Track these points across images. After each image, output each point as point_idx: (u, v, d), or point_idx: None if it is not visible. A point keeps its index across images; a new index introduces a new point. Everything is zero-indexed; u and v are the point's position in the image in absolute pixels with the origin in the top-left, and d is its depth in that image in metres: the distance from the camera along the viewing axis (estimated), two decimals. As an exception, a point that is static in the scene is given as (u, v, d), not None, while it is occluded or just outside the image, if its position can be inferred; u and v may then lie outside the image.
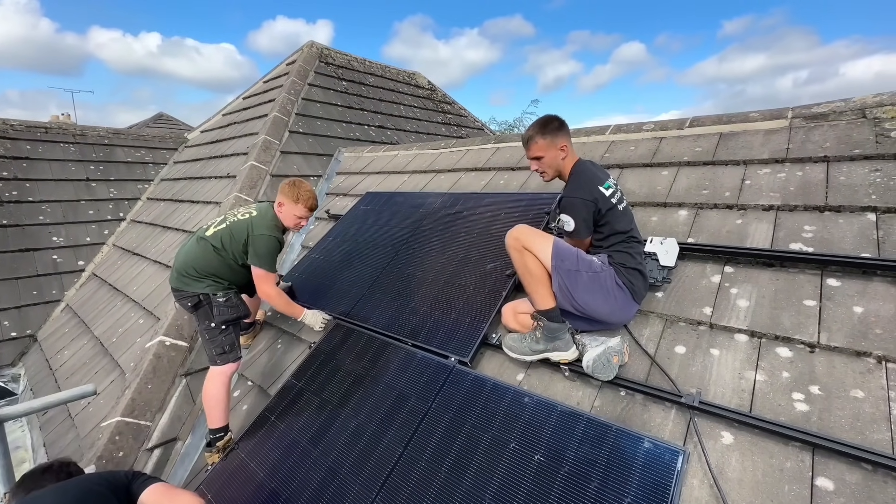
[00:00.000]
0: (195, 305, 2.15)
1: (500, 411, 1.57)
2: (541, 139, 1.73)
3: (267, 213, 2.27)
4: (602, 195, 1.65)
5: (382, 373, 1.99)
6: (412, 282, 2.42)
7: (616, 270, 1.61)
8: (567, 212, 1.66)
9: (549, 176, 1.81)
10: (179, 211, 4.37)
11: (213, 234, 2.20)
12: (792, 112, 2.26)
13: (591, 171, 1.74)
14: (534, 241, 1.60)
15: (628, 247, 1.66)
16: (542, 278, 1.60)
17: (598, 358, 1.48)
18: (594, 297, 1.58)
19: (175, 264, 2.20)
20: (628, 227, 1.68)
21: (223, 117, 6.21)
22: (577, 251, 1.62)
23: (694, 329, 1.65)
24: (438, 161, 3.68)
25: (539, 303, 1.62)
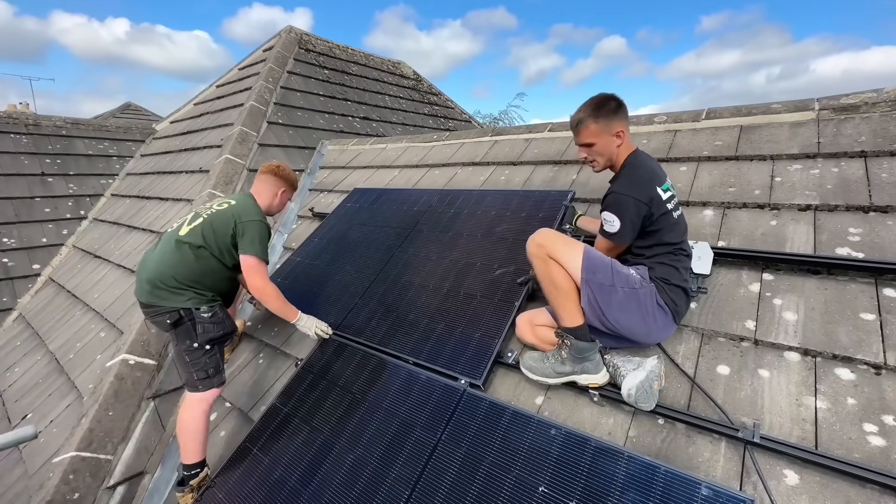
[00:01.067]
0: (175, 323, 1.83)
1: (524, 446, 1.36)
2: (593, 123, 1.50)
3: (248, 201, 2.04)
4: (658, 198, 1.44)
5: (381, 396, 1.75)
6: (410, 290, 2.19)
7: (658, 287, 1.41)
8: (613, 210, 1.44)
9: (599, 166, 1.59)
10: (147, 209, 4.00)
11: (189, 233, 1.90)
12: (819, 103, 2.11)
13: (649, 166, 1.52)
14: (561, 249, 1.38)
15: (675, 260, 1.46)
16: (569, 292, 1.38)
17: (642, 385, 1.28)
18: (629, 317, 1.38)
19: (144, 274, 1.87)
20: (680, 239, 1.48)
21: (195, 107, 5.78)
22: (612, 262, 1.41)
23: (736, 346, 1.47)
24: (431, 155, 3.43)
25: (565, 319, 1.41)
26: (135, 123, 6.40)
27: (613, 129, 1.52)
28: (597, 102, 1.54)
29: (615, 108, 1.52)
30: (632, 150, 1.58)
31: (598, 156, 1.58)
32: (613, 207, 1.44)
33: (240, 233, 1.90)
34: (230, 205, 2.00)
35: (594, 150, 1.57)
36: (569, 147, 2.74)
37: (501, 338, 1.73)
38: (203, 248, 1.87)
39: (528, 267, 1.97)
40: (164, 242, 1.93)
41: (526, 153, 2.88)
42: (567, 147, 2.75)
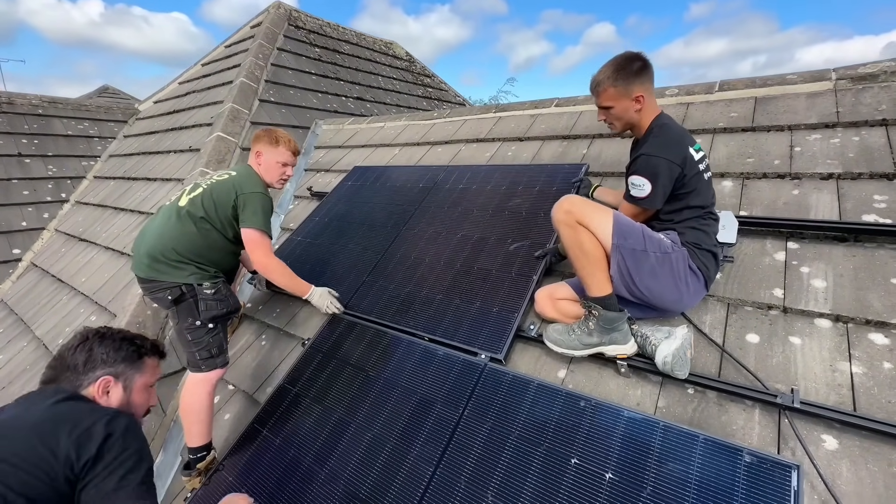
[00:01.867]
0: (177, 299, 1.73)
1: (552, 419, 1.32)
2: (611, 87, 1.42)
3: (249, 171, 1.92)
4: (691, 158, 1.38)
5: (397, 374, 1.69)
6: (421, 266, 2.12)
7: (689, 252, 1.36)
8: (644, 173, 1.38)
9: (617, 129, 1.54)
10: (133, 190, 3.83)
11: (189, 203, 1.79)
12: (836, 73, 2.07)
13: (679, 127, 1.46)
14: (591, 214, 1.32)
15: (705, 224, 1.41)
16: (599, 260, 1.33)
17: (678, 352, 1.24)
18: (660, 283, 1.33)
19: (143, 248, 1.76)
20: (709, 202, 1.43)
21: (179, 86, 5.55)
22: (643, 227, 1.36)
23: (764, 314, 1.44)
24: (433, 132, 3.34)
25: (594, 288, 1.36)
26: (114, 104, 6.13)
27: (632, 94, 1.44)
28: (618, 64, 1.45)
29: (637, 71, 1.44)
30: (657, 113, 1.51)
31: (615, 119, 1.52)
32: (645, 170, 1.38)
33: (241, 205, 1.80)
34: (230, 175, 1.90)
35: (611, 114, 1.51)
36: (577, 122, 2.67)
37: (521, 312, 1.68)
38: (204, 219, 1.77)
39: (545, 241, 1.91)
40: (163, 214, 1.82)
41: (533, 129, 2.81)
42: (575, 122, 2.68)
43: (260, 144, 1.96)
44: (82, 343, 1.12)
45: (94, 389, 1.09)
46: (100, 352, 1.12)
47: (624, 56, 1.48)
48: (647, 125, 1.50)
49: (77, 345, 1.12)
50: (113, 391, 1.12)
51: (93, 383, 1.09)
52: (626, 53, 1.49)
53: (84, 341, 1.13)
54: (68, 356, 1.10)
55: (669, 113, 2.35)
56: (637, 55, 1.48)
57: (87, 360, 1.10)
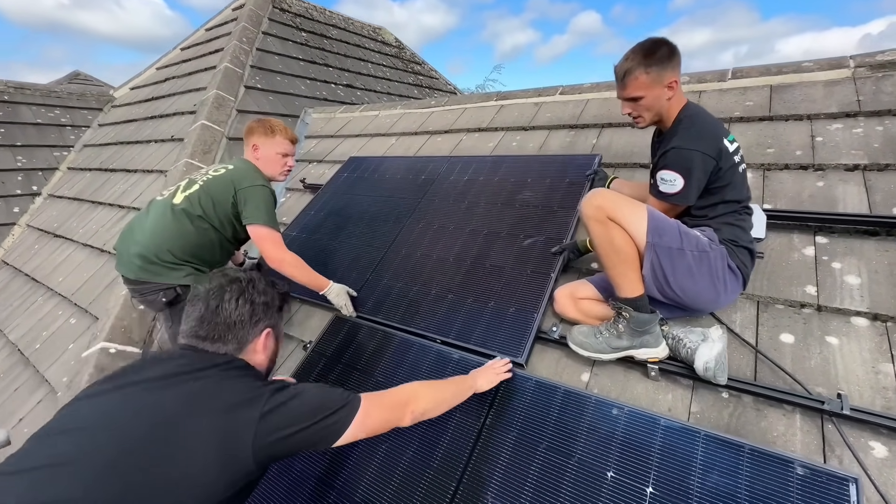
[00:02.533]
0: (171, 301, 1.63)
1: (583, 428, 1.24)
2: (643, 74, 1.31)
3: (247, 165, 1.80)
4: (726, 150, 1.29)
5: (409, 380, 1.58)
6: (428, 263, 2.01)
7: (728, 249, 1.29)
8: (676, 167, 1.28)
9: (645, 122, 1.42)
10: (112, 182, 3.61)
11: (185, 201, 1.66)
12: (853, 61, 2.01)
13: (711, 116, 1.37)
14: (623, 210, 1.23)
15: (740, 219, 1.33)
16: (631, 259, 1.24)
17: (720, 357, 1.17)
18: (696, 283, 1.25)
19: (133, 247, 1.63)
20: (745, 196, 1.35)
21: (157, 71, 5.26)
22: (678, 223, 1.27)
23: (797, 313, 1.38)
24: (431, 121, 3.20)
25: (625, 288, 1.27)
26: (89, 91, 5.79)
27: (666, 80, 1.34)
28: (647, 49, 1.34)
29: (668, 55, 1.33)
30: (684, 102, 1.42)
31: (645, 111, 1.40)
32: (677, 164, 1.29)
33: (241, 201, 1.68)
34: (227, 170, 1.77)
35: (641, 105, 1.38)
36: (584, 110, 2.58)
37: (541, 312, 1.59)
38: (202, 217, 1.66)
39: (559, 236, 1.83)
40: (155, 211, 1.68)
41: (538, 118, 2.70)
42: (582, 110, 2.58)
43: (255, 137, 1.84)
44: (242, 295, 1.02)
45: (258, 344, 1.04)
46: (260, 302, 1.04)
47: (650, 41, 1.36)
48: (675, 115, 1.41)
49: (237, 297, 1.02)
50: (269, 343, 1.07)
51: (257, 337, 1.04)
52: (650, 39, 1.37)
53: (242, 293, 1.03)
54: (230, 311, 1.00)
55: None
56: (663, 40, 1.36)
57: (252, 313, 1.02)
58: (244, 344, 1.01)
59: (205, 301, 1.00)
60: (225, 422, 0.83)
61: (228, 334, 0.99)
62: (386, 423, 1.07)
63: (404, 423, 1.10)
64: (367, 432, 1.02)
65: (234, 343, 1.00)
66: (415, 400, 1.12)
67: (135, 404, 0.85)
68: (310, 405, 0.94)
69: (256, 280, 1.08)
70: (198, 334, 0.99)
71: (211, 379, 0.90)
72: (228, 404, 0.85)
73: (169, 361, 0.94)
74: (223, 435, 0.82)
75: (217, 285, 1.03)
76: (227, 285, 1.03)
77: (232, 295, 1.01)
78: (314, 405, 0.94)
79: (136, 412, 0.83)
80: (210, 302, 1.00)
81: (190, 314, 1.01)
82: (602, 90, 2.63)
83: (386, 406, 1.07)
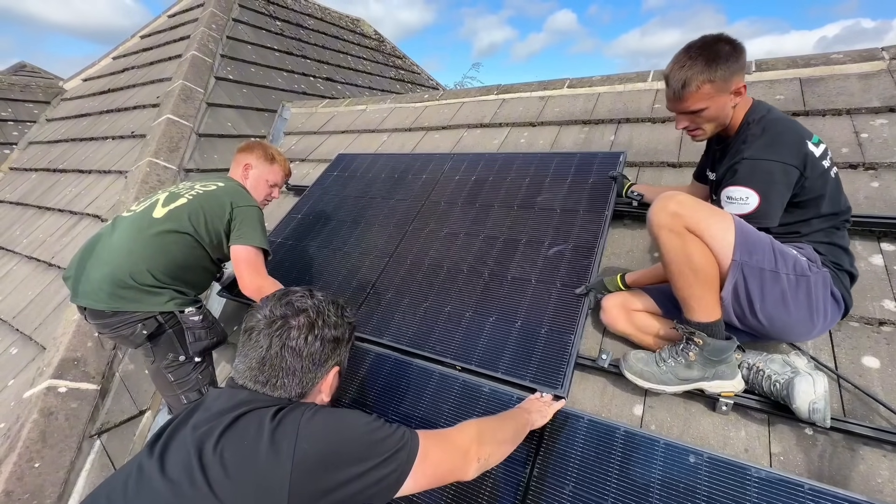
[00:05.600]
0: (153, 334, 1.38)
1: (655, 480, 1.03)
2: (708, 84, 1.09)
3: (237, 185, 1.65)
4: (812, 155, 1.08)
5: (429, 420, 1.34)
6: (439, 275, 1.77)
7: (831, 273, 1.08)
8: (749, 183, 1.07)
9: (706, 135, 1.21)
10: (62, 184, 3.18)
11: (168, 216, 1.45)
12: (888, 53, 1.90)
13: (788, 118, 1.16)
14: (707, 220, 1.02)
15: (840, 236, 1.14)
16: (711, 279, 1.04)
17: (827, 396, 0.98)
18: (790, 312, 1.04)
19: (98, 271, 1.37)
20: (845, 206, 1.16)
21: (114, 61, 4.78)
22: (771, 240, 1.06)
23: (876, 331, 1.22)
24: (426, 116, 2.95)
25: (700, 312, 1.07)
26: (35, 82, 5.22)
27: (733, 86, 1.12)
28: (709, 50, 1.10)
29: (734, 55, 1.11)
30: (749, 104, 1.20)
31: (706, 123, 1.18)
32: (750, 180, 1.07)
33: (236, 219, 1.50)
34: (219, 187, 1.59)
35: (703, 117, 1.17)
36: (597, 104, 2.39)
37: (578, 333, 1.38)
38: (190, 236, 1.45)
39: (588, 244, 1.62)
40: (126, 227, 1.44)
41: (545, 113, 2.50)
42: (595, 105, 2.40)
43: (251, 157, 1.73)
44: (311, 332, 0.82)
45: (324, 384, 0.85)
46: (331, 338, 0.84)
47: (708, 41, 1.13)
48: (742, 118, 1.20)
49: (306, 335, 0.81)
50: (335, 383, 0.89)
51: (325, 377, 0.85)
52: (707, 37, 1.14)
53: (312, 329, 0.82)
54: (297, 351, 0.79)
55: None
56: (723, 36, 1.13)
57: (321, 353, 0.82)
58: (309, 387, 0.82)
59: (267, 338, 0.80)
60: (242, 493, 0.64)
61: (293, 380, 0.80)
62: (450, 472, 0.84)
63: (469, 474, 0.86)
64: (428, 483, 0.80)
65: (298, 388, 0.81)
66: (480, 443, 0.88)
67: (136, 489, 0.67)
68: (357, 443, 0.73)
69: (327, 311, 0.85)
70: (257, 379, 0.80)
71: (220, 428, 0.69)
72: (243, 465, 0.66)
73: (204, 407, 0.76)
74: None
75: (281, 316, 0.81)
76: (293, 317, 0.82)
77: (300, 332, 0.81)
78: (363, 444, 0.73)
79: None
80: (273, 341, 0.80)
81: (248, 352, 0.81)
82: (614, 83, 2.45)
83: (449, 450, 0.84)
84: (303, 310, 0.83)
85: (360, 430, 0.75)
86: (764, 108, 1.19)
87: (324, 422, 0.73)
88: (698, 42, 1.15)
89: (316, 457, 0.67)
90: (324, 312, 0.84)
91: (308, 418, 0.72)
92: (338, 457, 0.70)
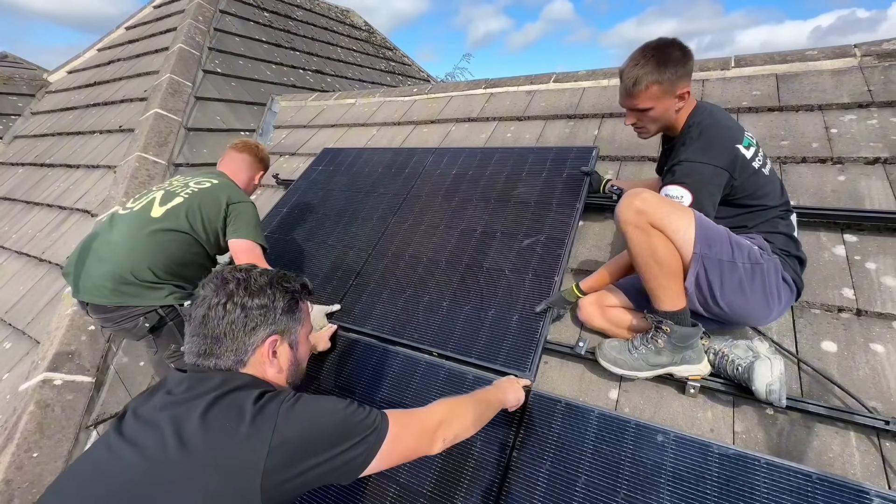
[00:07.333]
0: (154, 326, 1.46)
1: (625, 458, 1.10)
2: (656, 85, 1.15)
3: (230, 181, 1.73)
4: (742, 158, 1.15)
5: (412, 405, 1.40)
6: (419, 266, 1.82)
7: (781, 260, 1.16)
8: (684, 182, 1.14)
9: (649, 133, 1.28)
10: (50, 179, 3.18)
11: (166, 215, 1.51)
12: (859, 50, 1.96)
13: (721, 121, 1.22)
14: (668, 216, 1.08)
15: (787, 225, 1.21)
16: (675, 270, 1.10)
17: (783, 378, 1.05)
18: (747, 299, 1.12)
19: (102, 267, 1.42)
20: (783, 198, 1.23)
21: (99, 53, 4.72)
22: (728, 231, 1.13)
23: (835, 318, 1.29)
24: (415, 110, 2.98)
25: (666, 301, 1.14)
26: (18, 74, 5.14)
27: (678, 90, 1.18)
28: (660, 56, 1.16)
29: (682, 60, 1.16)
30: (693, 106, 1.26)
31: (651, 122, 1.25)
32: (685, 179, 1.14)
33: (232, 214, 1.58)
34: (213, 184, 1.64)
35: (648, 116, 1.23)
36: (582, 99, 2.44)
37: (546, 321, 1.44)
38: (188, 234, 1.51)
39: (560, 236, 1.68)
40: (125, 226, 1.50)
41: (532, 107, 2.54)
42: (580, 99, 2.44)
43: (246, 154, 1.83)
44: (229, 300, 0.84)
45: (261, 354, 0.87)
46: (255, 305, 0.86)
47: (660, 44, 1.19)
48: (684, 121, 1.25)
49: (224, 302, 0.84)
50: (280, 351, 0.90)
51: (259, 346, 0.86)
52: (659, 41, 1.21)
53: (230, 297, 0.84)
54: (219, 322, 0.83)
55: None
56: (675, 41, 1.19)
57: (245, 320, 0.84)
58: (243, 356, 0.84)
59: (198, 309, 0.85)
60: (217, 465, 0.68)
61: (220, 347, 0.83)
62: (414, 451, 0.89)
63: (434, 451, 0.92)
64: (393, 462, 0.85)
65: (231, 356, 0.83)
66: (447, 424, 0.93)
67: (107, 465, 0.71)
68: (332, 430, 0.77)
69: (254, 280, 0.88)
70: (193, 350, 0.84)
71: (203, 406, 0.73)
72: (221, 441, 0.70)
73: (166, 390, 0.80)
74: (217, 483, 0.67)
75: (212, 290, 0.86)
76: (219, 288, 0.85)
77: (219, 300, 0.84)
78: (337, 431, 0.77)
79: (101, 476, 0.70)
80: (197, 311, 0.85)
81: (187, 329, 0.87)
82: (599, 78, 2.50)
83: (416, 432, 0.89)
84: (224, 280, 0.86)
85: (335, 417, 0.79)
86: (703, 112, 1.24)
87: (303, 408, 0.76)
88: (653, 44, 1.21)
89: (293, 442, 0.71)
90: (248, 282, 0.87)
91: (288, 407, 0.75)
92: (313, 442, 0.74)
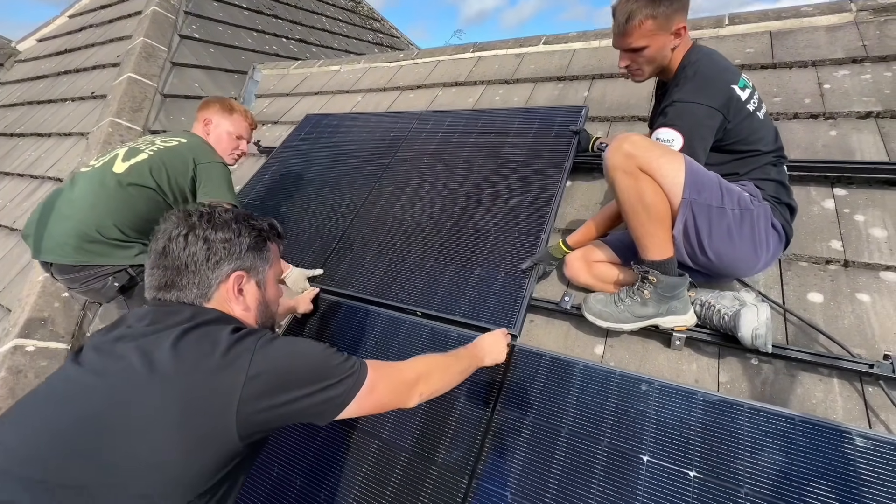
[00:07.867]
0: (125, 287, 1.40)
1: (609, 408, 1.09)
2: (650, 20, 1.10)
3: (199, 140, 1.62)
4: (737, 98, 1.11)
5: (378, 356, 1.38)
6: (403, 229, 1.77)
7: (771, 206, 1.13)
8: (675, 124, 1.09)
9: (644, 76, 1.22)
10: (21, 149, 3.05)
11: (130, 171, 1.43)
12: (855, 5, 1.91)
13: (718, 61, 1.17)
14: (658, 159, 1.04)
15: (779, 172, 1.18)
16: (663, 216, 1.07)
17: (769, 323, 1.03)
18: (735, 247, 1.09)
19: (62, 226, 1.35)
20: (777, 144, 1.19)
21: (70, 20, 4.50)
22: (718, 177, 1.09)
23: (822, 270, 1.28)
24: (401, 76, 2.88)
25: (653, 250, 1.11)
26: (-15, 43, 4.89)
27: (674, 26, 1.13)
28: None
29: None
30: (689, 46, 1.21)
31: (646, 64, 1.19)
32: (675, 120, 1.10)
33: (200, 176, 1.50)
34: (181, 143, 1.55)
35: (644, 56, 1.17)
36: (572, 61, 2.36)
37: (532, 277, 1.42)
38: (154, 190, 1.44)
39: (547, 195, 1.64)
40: (87, 182, 1.42)
41: (521, 70, 2.46)
42: (570, 61, 2.37)
43: (210, 111, 1.69)
44: (191, 232, 0.81)
45: (226, 290, 0.82)
46: (218, 238, 0.82)
47: None
48: (679, 62, 1.20)
49: (186, 234, 0.80)
50: (247, 289, 0.86)
51: (223, 282, 0.82)
52: None
53: (192, 229, 0.81)
54: (180, 254, 0.79)
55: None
56: None
57: (207, 253, 0.81)
58: (207, 290, 0.81)
59: (153, 243, 0.82)
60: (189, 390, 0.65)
61: (182, 279, 0.80)
62: (391, 403, 0.89)
63: (410, 405, 0.92)
64: (370, 410, 0.84)
65: (193, 289, 0.80)
66: (425, 380, 0.94)
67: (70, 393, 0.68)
68: (309, 368, 0.76)
69: (217, 213, 0.85)
70: (153, 284, 0.81)
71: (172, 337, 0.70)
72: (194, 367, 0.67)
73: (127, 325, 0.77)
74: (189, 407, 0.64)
75: (167, 223, 0.83)
76: (179, 222, 0.82)
77: (180, 231, 0.81)
78: (314, 369, 0.76)
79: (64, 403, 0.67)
80: (157, 243, 0.81)
81: (147, 263, 0.83)
82: (590, 39, 2.42)
83: (394, 383, 0.89)
84: (190, 214, 0.83)
85: (314, 357, 0.77)
86: (699, 52, 1.19)
87: (281, 344, 0.75)
88: None
89: (269, 374, 0.69)
90: (212, 215, 0.84)
91: (266, 341, 0.73)
92: (290, 378, 0.72)
